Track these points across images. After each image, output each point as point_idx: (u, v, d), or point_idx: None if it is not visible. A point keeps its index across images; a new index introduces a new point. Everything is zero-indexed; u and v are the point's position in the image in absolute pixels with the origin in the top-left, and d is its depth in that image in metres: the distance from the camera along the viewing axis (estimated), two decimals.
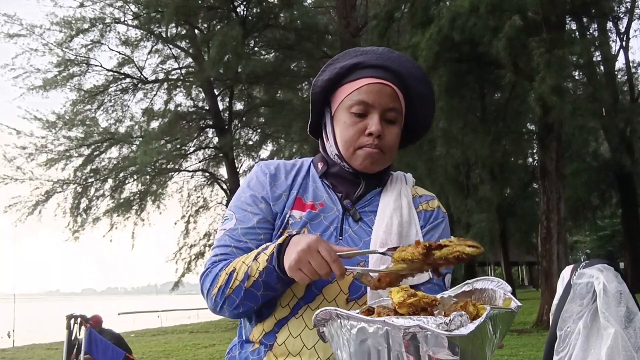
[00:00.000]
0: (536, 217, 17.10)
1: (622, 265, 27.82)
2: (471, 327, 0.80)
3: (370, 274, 1.12)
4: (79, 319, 5.40)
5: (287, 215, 1.31)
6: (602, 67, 18.22)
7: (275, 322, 1.25)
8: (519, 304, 0.93)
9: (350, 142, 1.30)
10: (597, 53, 17.10)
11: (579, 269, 1.88)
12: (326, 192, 1.36)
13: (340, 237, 1.28)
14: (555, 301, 2.05)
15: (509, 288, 1.00)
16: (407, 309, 0.95)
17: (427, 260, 1.04)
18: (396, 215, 1.30)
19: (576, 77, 15.03)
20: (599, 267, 1.84)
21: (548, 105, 11.07)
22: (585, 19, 15.96)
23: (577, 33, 16.24)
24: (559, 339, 1.84)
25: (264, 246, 1.20)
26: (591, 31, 17.23)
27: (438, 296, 1.03)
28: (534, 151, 20.88)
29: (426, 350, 0.82)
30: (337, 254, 1.09)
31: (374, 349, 0.86)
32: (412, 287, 1.23)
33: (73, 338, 5.33)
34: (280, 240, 1.15)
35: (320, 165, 1.39)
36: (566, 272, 2.05)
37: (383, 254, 1.10)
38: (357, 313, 0.91)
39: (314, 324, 0.98)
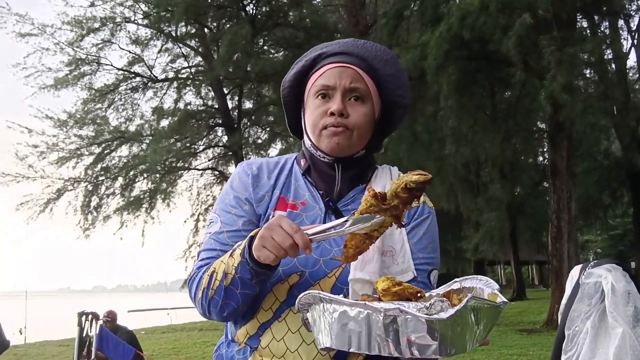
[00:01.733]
0: (547, 216, 17.03)
1: (633, 264, 27.64)
2: (451, 311, 0.81)
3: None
4: (90, 316, 5.44)
5: (270, 217, 1.29)
6: (613, 65, 18.06)
7: (258, 325, 1.25)
8: (505, 300, 0.92)
9: (315, 124, 1.29)
10: (609, 51, 16.95)
11: (587, 269, 1.88)
12: (308, 191, 1.34)
13: None
14: (564, 301, 2.05)
15: (497, 286, 0.98)
16: (391, 297, 0.95)
17: (382, 205, 1.03)
18: None
19: (587, 75, 14.92)
20: (607, 267, 1.83)
21: (559, 103, 11.01)
22: (596, 17, 15.84)
23: (588, 31, 16.11)
24: (567, 339, 1.84)
25: (239, 243, 1.20)
26: (602, 29, 17.10)
27: (427, 294, 1.02)
28: (545, 150, 20.77)
29: (406, 334, 0.82)
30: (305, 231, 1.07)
31: (355, 332, 0.86)
32: None
33: (84, 335, 5.38)
34: (252, 233, 1.14)
35: (302, 162, 1.38)
36: (575, 271, 2.05)
37: (345, 222, 1.06)
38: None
39: (298, 309, 0.99)
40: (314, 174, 1.36)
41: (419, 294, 0.97)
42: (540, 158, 23.05)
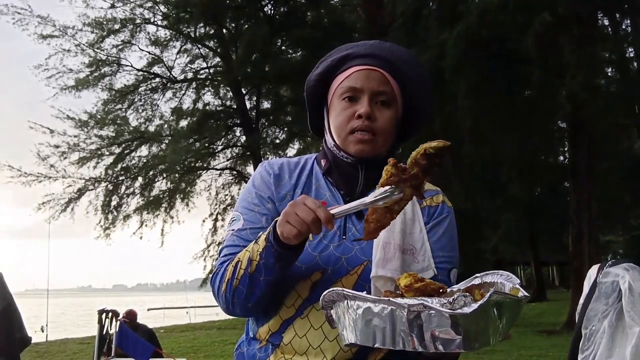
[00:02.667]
0: (567, 217, 16.83)
1: None
2: (474, 306, 0.82)
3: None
4: (110, 314, 5.51)
5: None
6: (634, 64, 17.82)
7: (281, 322, 1.26)
8: (526, 294, 0.93)
9: (342, 127, 1.30)
10: (630, 49, 16.73)
11: (604, 268, 1.87)
12: (329, 190, 1.35)
13: (344, 236, 1.28)
14: (582, 300, 2.04)
15: (518, 281, 0.99)
16: (413, 293, 0.96)
17: (403, 175, 1.04)
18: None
19: (608, 74, 14.75)
20: (624, 266, 1.82)
21: (579, 102, 10.90)
22: (617, 15, 15.62)
23: (609, 29, 15.91)
24: (584, 338, 1.83)
25: (264, 230, 1.22)
26: (624, 27, 16.87)
27: (447, 289, 1.03)
28: (565, 149, 20.54)
29: (430, 329, 0.83)
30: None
31: (379, 328, 0.87)
32: None
33: (104, 332, 5.45)
34: (277, 219, 1.16)
35: (323, 162, 1.39)
36: (593, 271, 2.04)
37: (370, 203, 1.07)
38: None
39: (322, 306, 1.00)
40: (334, 174, 1.37)
41: (441, 290, 0.98)
42: (561, 157, 22.80)
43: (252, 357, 1.31)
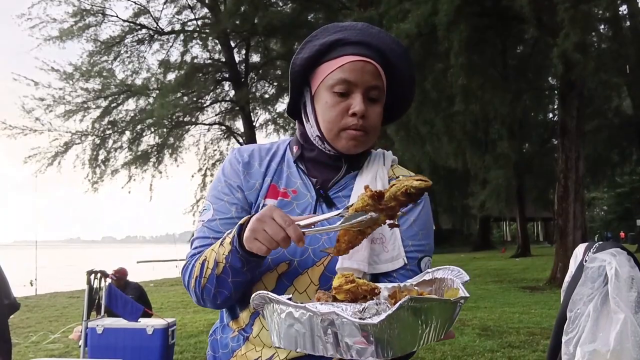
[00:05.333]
0: (554, 174, 16.98)
1: (638, 222, 27.72)
2: (382, 316, 0.81)
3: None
4: (99, 274, 5.52)
5: (261, 205, 1.27)
6: (628, 22, 17.66)
7: (250, 314, 1.25)
8: (467, 294, 0.92)
9: (334, 122, 1.25)
10: (624, 7, 16.55)
11: (591, 252, 1.88)
12: (300, 178, 1.32)
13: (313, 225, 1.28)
14: (567, 278, 2.06)
15: (466, 278, 0.99)
16: (344, 295, 0.95)
17: (379, 205, 1.01)
18: None
19: (601, 32, 14.62)
20: (611, 252, 1.83)
21: (571, 62, 10.82)
22: None
23: None
24: (568, 320, 1.85)
25: (229, 231, 1.17)
26: None
27: (401, 284, 1.02)
28: (555, 107, 20.56)
29: (344, 337, 0.83)
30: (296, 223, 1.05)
31: (300, 333, 0.87)
32: (386, 273, 1.22)
33: (93, 292, 5.47)
34: (241, 221, 1.12)
35: (295, 149, 1.35)
36: (579, 250, 2.05)
37: (339, 215, 1.05)
38: (289, 299, 0.91)
39: (254, 308, 0.98)
40: (308, 162, 1.33)
41: (375, 291, 0.97)
42: (550, 115, 22.85)
43: (225, 346, 1.30)
